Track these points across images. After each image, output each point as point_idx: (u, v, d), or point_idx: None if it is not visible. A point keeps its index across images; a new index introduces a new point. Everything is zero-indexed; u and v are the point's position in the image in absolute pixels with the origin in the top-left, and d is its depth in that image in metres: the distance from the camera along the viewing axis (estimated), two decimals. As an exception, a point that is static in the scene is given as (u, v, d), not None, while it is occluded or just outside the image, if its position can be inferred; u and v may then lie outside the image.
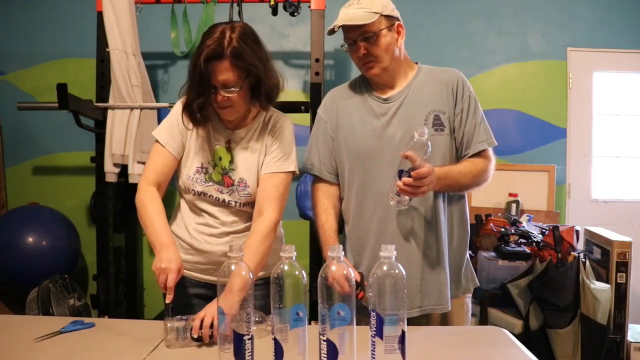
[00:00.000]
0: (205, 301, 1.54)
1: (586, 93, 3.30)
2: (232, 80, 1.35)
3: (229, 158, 1.50)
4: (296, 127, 1.62)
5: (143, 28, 2.68)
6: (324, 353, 1.01)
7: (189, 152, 1.51)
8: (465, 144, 1.53)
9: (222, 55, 1.32)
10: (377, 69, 1.51)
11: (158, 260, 1.32)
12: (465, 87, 1.54)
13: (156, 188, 1.46)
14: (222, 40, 1.33)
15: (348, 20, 1.45)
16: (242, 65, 1.35)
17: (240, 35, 1.35)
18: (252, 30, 1.41)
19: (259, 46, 1.40)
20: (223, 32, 1.34)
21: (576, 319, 2.50)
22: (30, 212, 2.99)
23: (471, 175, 1.48)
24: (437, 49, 3.24)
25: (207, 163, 1.50)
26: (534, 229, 2.79)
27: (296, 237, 3.03)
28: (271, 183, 1.49)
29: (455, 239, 1.57)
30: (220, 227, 1.51)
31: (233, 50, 1.33)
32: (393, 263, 1.02)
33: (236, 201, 1.51)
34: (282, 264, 1.03)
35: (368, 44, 1.47)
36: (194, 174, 1.49)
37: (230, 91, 1.36)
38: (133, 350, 1.25)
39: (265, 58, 1.41)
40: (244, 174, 1.50)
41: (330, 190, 1.61)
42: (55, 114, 2.85)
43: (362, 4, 1.45)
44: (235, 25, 1.37)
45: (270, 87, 1.41)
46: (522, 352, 1.26)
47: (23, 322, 1.57)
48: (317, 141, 1.63)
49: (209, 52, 1.32)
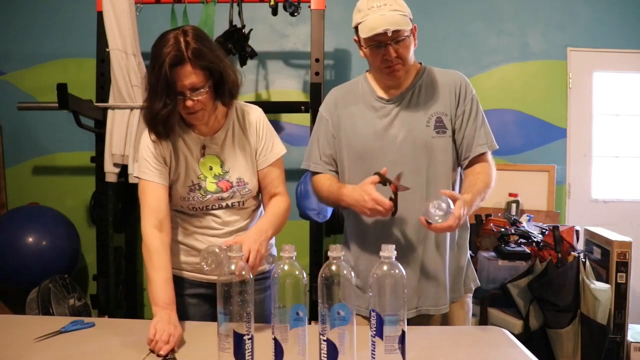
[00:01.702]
0: (205, 301, 1.55)
1: (586, 93, 3.30)
2: (198, 82, 1.34)
3: (219, 163, 1.49)
4: (296, 127, 1.62)
5: (143, 28, 2.67)
6: (324, 353, 1.01)
7: (174, 175, 1.48)
8: (465, 146, 1.53)
9: (183, 60, 1.31)
10: (402, 71, 1.50)
11: (152, 326, 1.28)
12: (468, 90, 1.54)
13: (159, 227, 1.42)
14: (178, 45, 1.31)
15: (395, 24, 1.41)
16: (205, 65, 1.34)
17: (195, 36, 1.34)
18: (202, 31, 1.41)
19: (213, 45, 1.40)
20: (177, 38, 1.32)
21: (576, 319, 2.50)
22: (30, 212, 2.99)
23: (487, 187, 1.49)
24: (437, 49, 3.24)
25: (197, 179, 1.48)
26: (534, 229, 2.79)
27: (296, 237, 3.04)
28: (274, 174, 1.54)
29: (455, 240, 1.57)
30: (223, 227, 1.51)
31: (193, 52, 1.32)
32: (393, 263, 1.02)
33: (238, 201, 1.51)
34: (282, 264, 1.03)
35: (399, 46, 1.45)
36: (188, 194, 1.47)
37: (199, 93, 1.35)
38: (133, 350, 1.25)
39: (223, 55, 1.41)
40: (240, 173, 1.50)
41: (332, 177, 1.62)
42: (55, 114, 2.85)
43: (393, 6, 1.43)
44: (185, 29, 1.36)
45: (232, 83, 1.41)
46: (522, 352, 1.26)
47: (23, 322, 1.57)
48: (318, 139, 1.63)
49: (171, 59, 1.30)
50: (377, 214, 1.37)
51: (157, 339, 1.23)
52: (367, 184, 1.39)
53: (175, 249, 1.52)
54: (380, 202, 1.34)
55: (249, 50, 2.72)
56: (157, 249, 1.40)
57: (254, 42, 2.74)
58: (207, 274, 1.47)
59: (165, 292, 1.37)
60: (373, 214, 1.37)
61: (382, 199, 1.35)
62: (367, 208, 1.37)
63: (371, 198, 1.35)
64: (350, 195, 1.43)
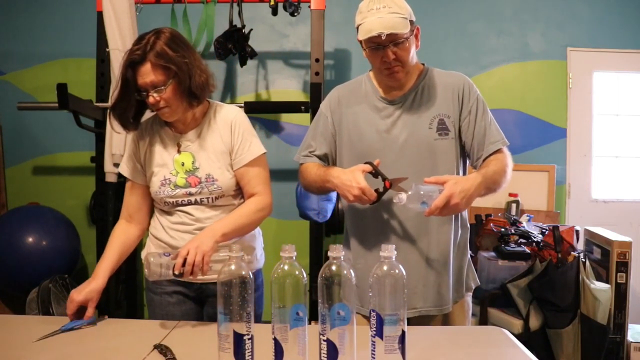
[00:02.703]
0: (186, 299, 1.58)
1: (586, 93, 3.30)
2: (158, 81, 1.41)
3: (191, 159, 1.53)
4: (296, 127, 1.62)
5: (143, 28, 2.66)
6: (324, 353, 1.01)
7: (149, 171, 1.56)
8: (477, 146, 1.52)
9: (144, 59, 1.40)
10: (402, 73, 1.50)
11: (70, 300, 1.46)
12: (471, 90, 1.54)
13: (129, 220, 1.60)
14: (145, 45, 1.40)
15: (391, 28, 1.40)
16: (164, 65, 1.40)
17: (163, 38, 1.42)
18: (177, 34, 1.48)
19: (183, 46, 1.46)
20: (147, 39, 1.42)
21: (576, 319, 2.50)
22: (30, 212, 2.99)
23: (502, 172, 1.46)
24: (437, 49, 3.24)
25: (169, 174, 1.53)
26: (534, 229, 2.79)
27: (296, 237, 3.04)
28: (252, 173, 1.54)
29: (456, 240, 1.56)
30: (195, 223, 1.54)
31: (154, 53, 1.40)
32: (393, 263, 1.02)
33: (207, 197, 1.53)
34: (282, 264, 1.03)
35: (397, 49, 1.45)
36: (159, 188, 1.54)
37: (159, 90, 1.42)
38: (133, 350, 1.25)
39: (191, 57, 1.46)
40: (210, 170, 1.53)
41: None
42: (55, 114, 2.85)
43: (393, 9, 1.42)
44: (161, 30, 1.45)
45: (198, 84, 1.46)
46: (522, 352, 1.26)
47: (23, 322, 1.57)
48: (315, 134, 1.62)
49: (131, 58, 1.41)
50: (358, 201, 1.39)
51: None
52: (358, 171, 1.39)
53: (154, 244, 1.60)
54: (366, 192, 1.36)
55: (249, 50, 2.72)
56: (114, 233, 1.58)
57: (254, 42, 2.74)
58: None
59: (100, 266, 1.54)
60: (355, 200, 1.39)
61: (369, 190, 1.36)
62: (352, 194, 1.38)
63: (359, 186, 1.36)
64: (338, 176, 1.43)
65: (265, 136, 3.18)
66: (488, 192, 1.45)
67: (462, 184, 1.33)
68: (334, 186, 1.45)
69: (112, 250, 1.55)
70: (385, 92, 1.56)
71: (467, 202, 1.33)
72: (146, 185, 1.58)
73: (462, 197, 1.31)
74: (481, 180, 1.38)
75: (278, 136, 3.21)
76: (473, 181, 1.36)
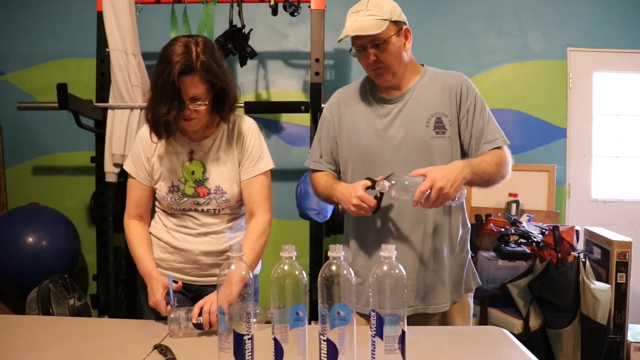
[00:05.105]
0: (186, 300, 1.56)
1: (586, 93, 3.30)
2: (201, 94, 1.38)
3: (202, 169, 1.52)
4: (296, 127, 1.63)
5: (143, 28, 2.68)
6: (324, 353, 1.01)
7: (157, 174, 1.53)
8: (475, 144, 1.52)
9: (192, 70, 1.35)
10: (388, 75, 1.51)
11: (150, 294, 1.43)
12: (470, 89, 1.54)
13: (138, 219, 1.56)
14: (189, 54, 1.35)
15: (359, 30, 1.43)
16: (210, 79, 1.38)
17: (205, 49, 1.38)
18: (212, 43, 1.45)
19: (220, 59, 1.43)
20: (188, 46, 1.36)
21: (576, 319, 2.50)
22: (30, 212, 2.99)
23: (494, 164, 1.45)
24: (437, 49, 3.24)
25: (178, 181, 1.51)
26: (534, 229, 2.79)
27: (296, 237, 3.04)
28: (255, 187, 1.53)
29: (456, 240, 1.57)
30: (199, 227, 1.54)
31: (202, 65, 1.35)
32: (393, 263, 1.02)
33: (214, 208, 1.53)
34: (282, 264, 1.03)
35: (378, 50, 1.46)
36: (166, 194, 1.52)
37: (198, 105, 1.39)
38: (133, 350, 1.25)
39: (228, 70, 1.45)
40: (219, 182, 1.52)
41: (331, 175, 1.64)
42: (55, 114, 2.85)
43: (371, 10, 1.43)
44: (198, 39, 1.39)
45: (233, 99, 1.46)
46: (522, 352, 1.26)
47: (23, 322, 1.57)
48: (320, 139, 1.65)
49: (180, 67, 1.33)
50: (360, 209, 1.41)
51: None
52: (358, 184, 1.43)
53: (154, 243, 1.58)
54: (364, 200, 1.39)
55: (249, 50, 2.72)
56: (133, 231, 1.53)
57: (254, 42, 2.74)
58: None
59: (144, 262, 1.49)
60: (357, 209, 1.41)
61: (366, 197, 1.40)
62: (352, 204, 1.41)
63: (357, 195, 1.40)
64: (340, 191, 1.48)
65: (265, 136, 3.16)
66: (479, 181, 1.44)
67: (444, 169, 1.35)
68: (338, 200, 1.51)
69: (144, 247, 1.52)
70: (383, 92, 1.57)
71: (452, 185, 1.32)
72: (148, 186, 1.55)
73: (447, 180, 1.31)
74: (465, 165, 1.39)
75: (278, 136, 3.21)
76: (455, 166, 1.38)
